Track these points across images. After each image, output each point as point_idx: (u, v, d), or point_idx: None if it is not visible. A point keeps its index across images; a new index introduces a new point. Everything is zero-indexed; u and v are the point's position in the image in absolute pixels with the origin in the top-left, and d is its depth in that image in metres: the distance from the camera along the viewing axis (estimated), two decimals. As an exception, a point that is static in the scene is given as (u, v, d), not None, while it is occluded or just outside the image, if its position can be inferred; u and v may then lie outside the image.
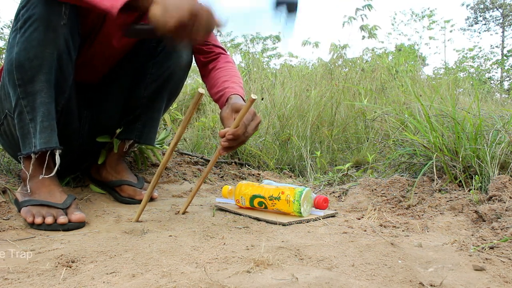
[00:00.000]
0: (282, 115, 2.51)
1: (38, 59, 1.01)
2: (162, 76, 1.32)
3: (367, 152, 2.03)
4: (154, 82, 1.33)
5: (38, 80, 1.03)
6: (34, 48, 1.01)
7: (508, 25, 17.62)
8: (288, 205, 1.14)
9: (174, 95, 1.41)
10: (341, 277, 0.70)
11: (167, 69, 1.31)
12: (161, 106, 1.38)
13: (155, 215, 1.19)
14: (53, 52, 1.03)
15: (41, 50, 1.01)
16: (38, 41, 1.01)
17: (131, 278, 0.70)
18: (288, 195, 1.15)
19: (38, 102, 1.03)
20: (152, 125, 1.39)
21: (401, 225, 1.08)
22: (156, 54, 1.32)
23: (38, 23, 1.00)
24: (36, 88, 1.03)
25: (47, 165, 1.09)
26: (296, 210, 1.14)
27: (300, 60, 6.02)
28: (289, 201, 1.14)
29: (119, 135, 1.39)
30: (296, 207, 1.13)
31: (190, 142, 2.25)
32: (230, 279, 0.68)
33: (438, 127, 1.42)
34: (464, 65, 9.07)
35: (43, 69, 1.03)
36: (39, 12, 1.00)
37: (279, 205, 1.16)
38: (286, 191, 1.16)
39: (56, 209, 1.06)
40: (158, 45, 1.32)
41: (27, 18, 1.01)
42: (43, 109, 1.03)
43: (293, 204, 1.13)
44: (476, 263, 0.76)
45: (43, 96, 1.03)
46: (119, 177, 1.38)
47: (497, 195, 1.10)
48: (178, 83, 1.37)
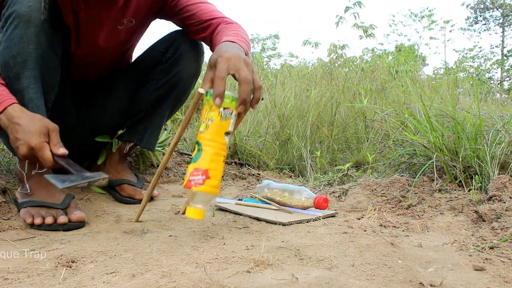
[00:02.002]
0: (282, 115, 2.51)
1: (21, 55, 1.01)
2: (168, 83, 1.31)
3: (367, 152, 2.03)
4: (160, 88, 1.32)
5: (24, 76, 1.02)
6: (16, 45, 1.00)
7: (508, 25, 17.62)
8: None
9: (180, 102, 1.40)
10: (341, 277, 0.69)
11: (173, 77, 1.31)
12: (165, 113, 1.37)
13: (155, 215, 1.19)
14: (36, 48, 1.02)
15: (23, 47, 1.01)
16: (20, 38, 1.00)
17: (131, 278, 0.70)
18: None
19: (27, 99, 1.02)
20: (153, 130, 1.38)
21: (401, 225, 1.08)
22: (164, 60, 1.32)
23: (18, 20, 1.00)
24: (23, 84, 1.02)
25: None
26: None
27: (300, 60, 6.03)
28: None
29: (121, 136, 1.38)
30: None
31: (190, 142, 2.25)
32: (230, 279, 0.68)
33: (438, 127, 1.42)
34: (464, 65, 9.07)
35: (27, 65, 1.02)
36: (19, 9, 0.99)
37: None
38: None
39: (56, 209, 1.06)
40: (166, 51, 1.31)
41: (7, 16, 1.01)
42: (32, 105, 1.03)
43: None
44: (476, 263, 0.76)
45: (30, 92, 1.03)
46: (119, 176, 1.38)
47: (497, 195, 1.10)
48: (185, 91, 1.36)
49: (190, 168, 0.90)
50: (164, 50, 1.32)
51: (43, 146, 0.92)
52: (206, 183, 0.87)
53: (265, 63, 6.31)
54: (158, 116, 1.37)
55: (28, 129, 0.93)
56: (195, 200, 0.89)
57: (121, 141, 1.39)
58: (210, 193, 0.88)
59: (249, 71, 0.92)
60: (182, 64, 1.30)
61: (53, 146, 0.94)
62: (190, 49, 1.31)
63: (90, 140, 1.37)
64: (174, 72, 1.31)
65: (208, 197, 0.90)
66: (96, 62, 1.30)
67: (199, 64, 1.34)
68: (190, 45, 1.31)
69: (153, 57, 1.33)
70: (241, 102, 0.89)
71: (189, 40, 1.30)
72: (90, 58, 1.26)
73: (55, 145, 0.94)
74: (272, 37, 7.71)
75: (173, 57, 1.30)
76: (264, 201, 1.29)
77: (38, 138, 0.92)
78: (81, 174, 0.89)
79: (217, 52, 0.95)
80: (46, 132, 0.94)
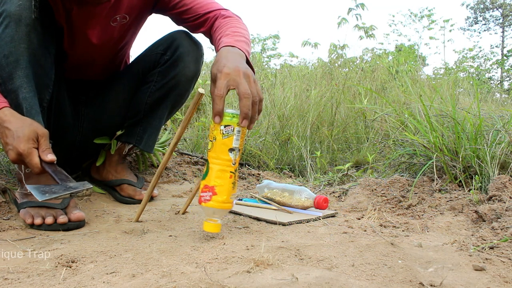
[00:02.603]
0: (282, 115, 2.51)
1: (13, 55, 1.01)
2: (167, 85, 1.30)
3: (367, 152, 2.03)
4: (158, 90, 1.31)
5: (17, 76, 1.02)
6: (8, 44, 1.00)
7: (508, 25, 17.63)
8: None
9: (178, 104, 1.39)
10: (341, 277, 0.69)
11: (172, 79, 1.30)
12: (163, 114, 1.36)
13: (155, 215, 1.19)
14: (28, 47, 1.02)
15: (14, 46, 1.00)
16: (11, 37, 1.00)
17: (131, 278, 0.70)
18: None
19: (21, 98, 1.02)
20: (152, 132, 1.37)
21: (401, 225, 1.08)
22: (162, 62, 1.31)
23: (9, 19, 0.99)
24: (16, 84, 1.02)
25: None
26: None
27: (300, 60, 6.03)
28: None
29: (120, 137, 1.38)
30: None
31: (190, 142, 2.25)
32: (230, 279, 0.68)
33: (438, 127, 1.42)
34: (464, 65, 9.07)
35: (20, 64, 1.02)
36: (9, 8, 0.99)
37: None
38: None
39: (55, 209, 1.06)
40: (165, 53, 1.30)
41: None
42: (26, 105, 1.02)
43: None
44: (476, 263, 0.76)
45: (24, 92, 1.02)
46: (119, 176, 1.38)
47: (497, 195, 1.10)
48: (183, 93, 1.35)
49: (201, 185, 0.95)
50: (163, 51, 1.30)
51: (31, 152, 0.92)
52: (213, 199, 0.91)
53: (265, 63, 6.31)
54: (157, 118, 1.36)
55: (17, 134, 0.93)
56: (208, 214, 0.94)
57: (120, 142, 1.38)
58: (218, 208, 0.92)
59: (250, 83, 0.92)
60: (180, 66, 1.28)
61: (41, 152, 0.94)
62: (188, 51, 1.29)
63: (89, 140, 1.36)
64: (172, 75, 1.30)
65: (220, 212, 0.94)
66: (91, 60, 1.29)
67: (198, 66, 1.32)
68: (189, 46, 1.29)
69: (152, 58, 1.33)
70: (243, 117, 0.90)
71: (188, 41, 1.29)
72: (85, 56, 1.25)
73: (43, 151, 0.94)
74: (272, 37, 7.71)
75: (171, 59, 1.29)
76: (264, 201, 1.29)
77: (26, 144, 0.92)
78: (65, 185, 0.89)
79: (216, 65, 0.95)
80: (35, 137, 0.94)
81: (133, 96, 1.35)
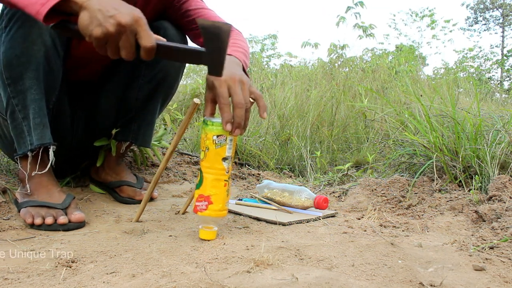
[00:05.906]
0: (282, 115, 2.51)
1: (25, 55, 1.00)
2: (155, 77, 1.30)
3: (367, 152, 2.03)
4: (148, 84, 1.31)
5: (27, 77, 1.01)
6: (20, 45, 1.00)
7: (508, 25, 17.63)
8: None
9: (169, 96, 1.39)
10: (341, 277, 0.70)
11: (160, 71, 1.29)
12: (156, 108, 1.36)
13: (155, 215, 1.19)
14: (40, 48, 1.02)
15: (27, 47, 1.00)
16: (24, 38, 0.99)
17: (131, 278, 0.70)
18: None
19: (29, 100, 1.02)
20: (147, 127, 1.37)
21: (401, 225, 1.08)
22: None
23: (22, 20, 0.99)
24: (26, 85, 1.02)
25: (41, 162, 1.08)
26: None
27: (300, 60, 6.02)
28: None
29: (116, 136, 1.37)
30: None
31: (190, 142, 2.25)
32: (230, 279, 0.68)
33: (438, 127, 1.42)
34: (464, 65, 9.07)
35: (31, 65, 1.01)
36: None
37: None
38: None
39: (56, 209, 1.06)
40: None
41: (11, 16, 1.00)
42: (34, 106, 1.02)
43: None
44: (476, 263, 0.76)
45: (33, 93, 1.02)
46: (118, 178, 1.38)
47: (497, 195, 1.10)
48: (173, 83, 1.35)
49: (195, 194, 0.95)
50: None
51: (142, 21, 0.79)
52: (209, 208, 0.93)
53: (264, 63, 6.31)
54: (150, 112, 1.35)
55: (114, 5, 0.79)
56: (204, 222, 0.96)
57: (117, 141, 1.38)
58: (214, 216, 0.93)
59: (244, 90, 0.93)
60: None
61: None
62: (173, 41, 1.25)
63: (87, 141, 1.36)
64: (159, 67, 1.29)
65: (215, 219, 0.95)
66: (94, 61, 1.29)
67: None
68: (174, 36, 1.26)
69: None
70: (236, 126, 0.90)
71: (172, 31, 1.27)
72: (89, 57, 1.25)
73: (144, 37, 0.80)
74: (270, 37, 7.71)
75: None
76: (264, 201, 1.29)
77: (131, 14, 0.79)
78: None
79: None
80: (137, 18, 0.80)
81: (124, 94, 1.35)
